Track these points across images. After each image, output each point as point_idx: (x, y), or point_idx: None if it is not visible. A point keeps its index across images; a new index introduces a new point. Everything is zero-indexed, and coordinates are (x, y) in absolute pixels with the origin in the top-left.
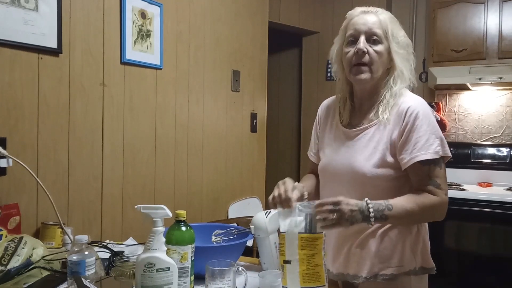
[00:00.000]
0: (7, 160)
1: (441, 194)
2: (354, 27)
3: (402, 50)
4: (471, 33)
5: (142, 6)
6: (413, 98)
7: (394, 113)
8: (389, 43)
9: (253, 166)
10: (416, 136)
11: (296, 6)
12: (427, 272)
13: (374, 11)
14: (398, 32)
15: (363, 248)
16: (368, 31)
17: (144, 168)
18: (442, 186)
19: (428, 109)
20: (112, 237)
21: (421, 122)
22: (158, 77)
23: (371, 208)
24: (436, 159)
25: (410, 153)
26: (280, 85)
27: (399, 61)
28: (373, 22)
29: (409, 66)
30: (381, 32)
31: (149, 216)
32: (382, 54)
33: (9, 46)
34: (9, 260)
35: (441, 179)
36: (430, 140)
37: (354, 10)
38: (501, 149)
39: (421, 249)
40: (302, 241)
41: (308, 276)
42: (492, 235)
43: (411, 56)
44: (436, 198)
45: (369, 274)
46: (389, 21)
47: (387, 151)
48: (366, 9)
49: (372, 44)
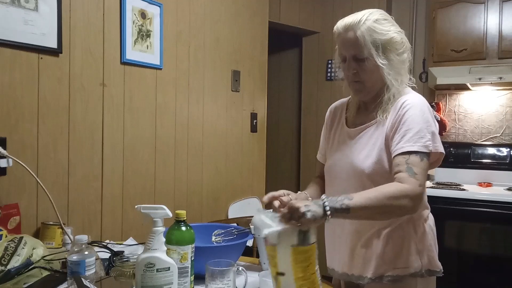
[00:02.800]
0: (7, 160)
1: (414, 183)
2: (340, 47)
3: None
4: (471, 33)
5: (142, 6)
6: (411, 94)
7: (391, 110)
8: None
9: (253, 166)
10: (406, 127)
11: (296, 6)
12: (434, 275)
13: (355, 23)
14: (382, 37)
15: (368, 248)
16: (351, 53)
17: (144, 168)
18: (417, 176)
19: (424, 104)
20: (112, 237)
21: (413, 114)
22: (158, 77)
23: (326, 201)
24: (420, 152)
25: (397, 143)
26: (280, 85)
27: (387, 72)
28: (352, 43)
29: (404, 67)
30: (362, 50)
31: (149, 216)
32: (373, 69)
33: (9, 46)
34: (9, 260)
35: (418, 169)
36: (420, 133)
37: (338, 24)
38: (501, 149)
39: (427, 251)
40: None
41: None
42: (492, 235)
43: (404, 54)
44: (405, 186)
45: (374, 275)
46: (369, 32)
47: (384, 147)
48: (346, 25)
49: (360, 62)
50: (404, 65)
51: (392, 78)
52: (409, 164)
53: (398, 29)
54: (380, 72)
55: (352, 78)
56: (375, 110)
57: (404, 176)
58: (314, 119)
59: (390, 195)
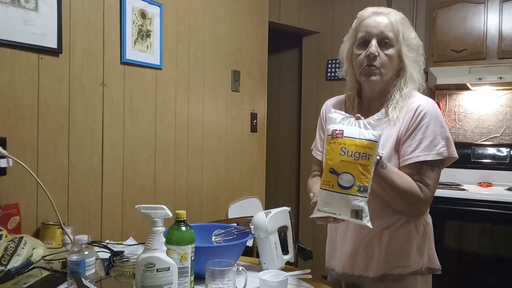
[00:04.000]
0: (7, 160)
1: (427, 193)
2: (365, 29)
3: (412, 52)
4: (471, 33)
5: (142, 6)
6: (423, 98)
7: (403, 112)
8: (400, 46)
9: (253, 166)
10: (421, 136)
11: (296, 6)
12: (433, 272)
13: (386, 12)
14: (409, 34)
15: (370, 248)
16: (379, 34)
17: (144, 168)
18: (430, 188)
19: (438, 110)
20: (112, 237)
21: (428, 121)
22: (158, 77)
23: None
24: (433, 160)
25: (412, 151)
26: (280, 85)
27: (409, 64)
28: (385, 25)
29: (419, 68)
30: (392, 35)
31: (149, 216)
32: (393, 58)
33: (9, 46)
34: (9, 260)
35: (431, 180)
36: (435, 141)
37: (365, 10)
38: (501, 149)
39: (427, 249)
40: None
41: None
42: (492, 235)
43: (421, 57)
44: (421, 195)
45: (376, 274)
46: (401, 24)
47: (393, 148)
48: (377, 10)
49: (383, 47)
50: (420, 68)
51: (411, 73)
52: (423, 175)
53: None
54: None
55: (369, 61)
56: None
57: (419, 186)
58: (314, 119)
59: (411, 189)
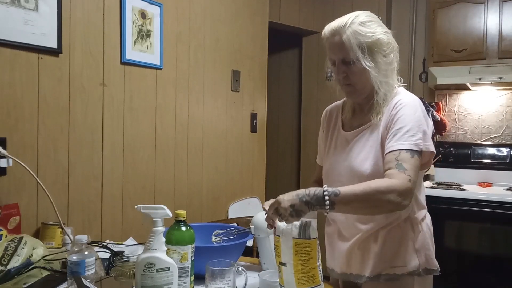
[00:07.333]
0: (7, 160)
1: (403, 178)
2: (328, 51)
3: (377, 57)
4: (471, 33)
5: (142, 6)
6: (405, 94)
7: (385, 111)
8: (360, 60)
9: (253, 166)
10: (397, 126)
11: (296, 6)
12: (431, 273)
13: (341, 27)
14: (368, 38)
15: (366, 247)
16: (339, 56)
17: (144, 168)
18: (407, 172)
19: (417, 103)
20: (112, 237)
21: (404, 113)
22: (158, 77)
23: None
24: (410, 149)
25: (388, 142)
26: (280, 85)
27: (375, 72)
28: (339, 47)
29: (391, 67)
30: (349, 53)
31: (149, 216)
32: (361, 72)
33: (9, 46)
34: (9, 260)
35: (408, 165)
36: (411, 131)
37: (326, 28)
38: (501, 149)
39: (424, 250)
40: (296, 246)
41: (304, 279)
42: (492, 235)
43: (391, 55)
44: (394, 181)
45: (372, 274)
46: (353, 37)
47: (380, 148)
48: (333, 28)
49: (348, 65)
50: (391, 66)
51: (379, 79)
52: (399, 160)
53: (384, 29)
54: (368, 74)
55: (342, 81)
56: (369, 112)
57: (394, 172)
58: (314, 119)
59: (377, 190)
